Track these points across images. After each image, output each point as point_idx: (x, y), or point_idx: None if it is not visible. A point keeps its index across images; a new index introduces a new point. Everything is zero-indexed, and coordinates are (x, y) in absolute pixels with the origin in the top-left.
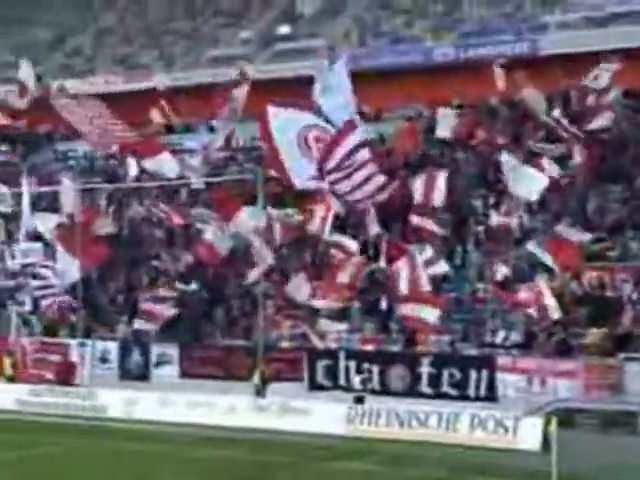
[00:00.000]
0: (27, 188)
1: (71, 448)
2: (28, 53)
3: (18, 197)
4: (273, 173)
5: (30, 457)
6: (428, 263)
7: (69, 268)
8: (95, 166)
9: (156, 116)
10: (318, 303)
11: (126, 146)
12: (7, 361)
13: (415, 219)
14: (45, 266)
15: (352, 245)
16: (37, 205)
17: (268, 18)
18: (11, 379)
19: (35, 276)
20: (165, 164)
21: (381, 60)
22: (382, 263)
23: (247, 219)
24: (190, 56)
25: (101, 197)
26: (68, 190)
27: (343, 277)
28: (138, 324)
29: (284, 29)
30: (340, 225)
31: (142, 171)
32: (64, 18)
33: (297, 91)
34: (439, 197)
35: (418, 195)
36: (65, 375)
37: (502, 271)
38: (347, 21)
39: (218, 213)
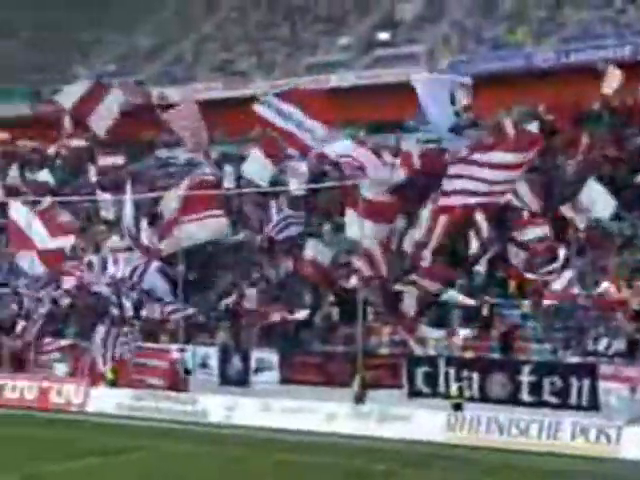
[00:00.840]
0: (129, 195)
1: (171, 453)
2: (129, 61)
3: (121, 204)
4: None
5: (129, 461)
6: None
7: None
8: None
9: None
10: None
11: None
12: (109, 366)
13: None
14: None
15: None
16: (139, 211)
17: (367, 24)
18: (113, 384)
19: (137, 282)
20: (264, 170)
21: (481, 66)
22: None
23: (350, 226)
24: (289, 63)
25: None
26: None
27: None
28: (241, 331)
29: (384, 35)
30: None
31: (239, 177)
32: (165, 26)
33: (396, 97)
34: (536, 203)
35: (519, 201)
36: (166, 380)
37: (604, 278)
38: (447, 27)
39: (321, 219)
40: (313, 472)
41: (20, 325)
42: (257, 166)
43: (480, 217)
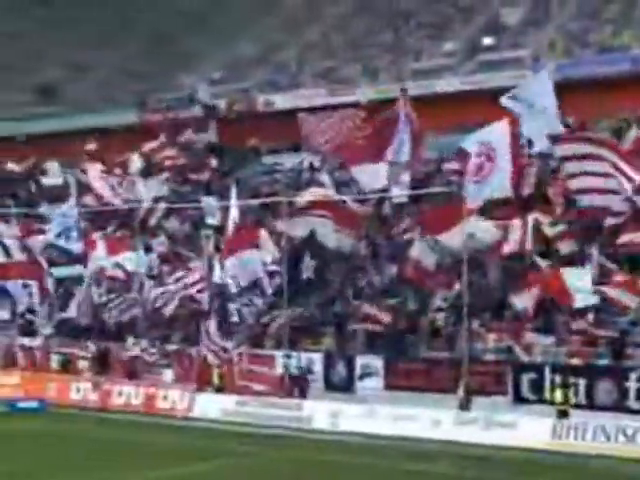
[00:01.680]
0: (235, 201)
1: (276, 459)
2: (234, 69)
3: (226, 210)
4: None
5: (233, 467)
6: None
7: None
8: (300, 179)
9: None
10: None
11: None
12: (215, 372)
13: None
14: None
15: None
16: (243, 218)
17: (472, 29)
18: (219, 389)
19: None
20: (377, 176)
21: (587, 70)
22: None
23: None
24: (393, 69)
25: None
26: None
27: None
28: (346, 337)
29: (488, 40)
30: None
31: (339, 184)
32: (269, 34)
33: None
34: None
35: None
36: (271, 386)
37: None
38: (552, 31)
39: (425, 226)
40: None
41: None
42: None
43: None
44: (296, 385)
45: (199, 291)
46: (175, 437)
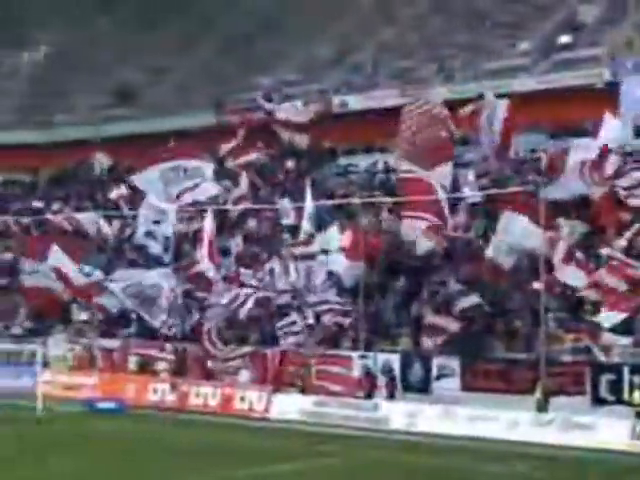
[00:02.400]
0: (310, 202)
1: (353, 459)
2: (310, 70)
3: (300, 211)
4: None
5: (311, 468)
6: None
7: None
8: (375, 180)
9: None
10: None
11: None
12: (300, 371)
13: None
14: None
15: None
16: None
17: (548, 28)
18: (301, 390)
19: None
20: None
21: None
22: None
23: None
24: (469, 69)
25: (381, 211)
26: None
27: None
28: (423, 338)
29: (565, 38)
30: None
31: None
32: (345, 35)
33: (577, 101)
34: None
35: None
36: (348, 387)
37: None
38: (629, 29)
39: (496, 226)
40: None
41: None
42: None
43: None
44: (373, 386)
45: (275, 292)
46: (252, 438)
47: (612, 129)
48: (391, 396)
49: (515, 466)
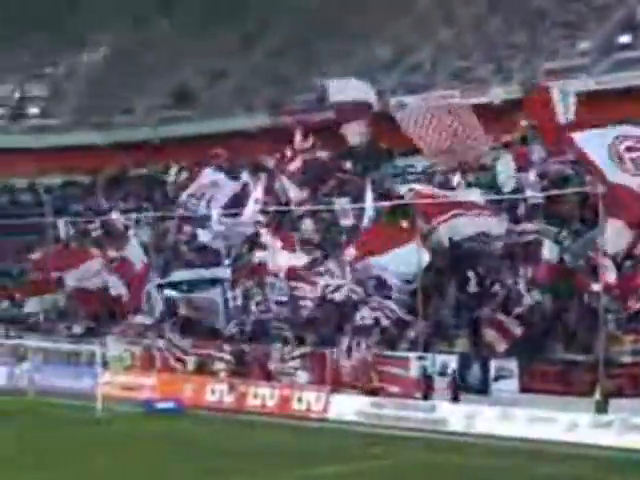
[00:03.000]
0: (369, 203)
1: (411, 461)
2: (368, 71)
3: (359, 211)
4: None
5: (369, 469)
6: None
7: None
8: (433, 181)
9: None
10: None
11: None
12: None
13: None
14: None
15: None
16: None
17: (607, 28)
18: (371, 392)
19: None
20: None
21: None
22: None
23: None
24: (527, 69)
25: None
26: None
27: None
28: (485, 339)
29: (624, 38)
30: None
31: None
32: (402, 36)
33: (636, 100)
34: None
35: None
36: (406, 388)
37: None
38: None
39: (559, 227)
40: None
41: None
42: (505, 173)
43: None
44: (430, 387)
45: (333, 292)
46: (311, 439)
47: None
48: (449, 397)
49: (574, 468)
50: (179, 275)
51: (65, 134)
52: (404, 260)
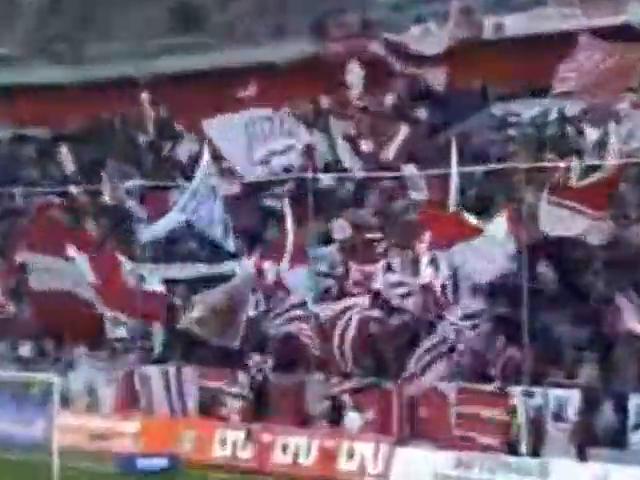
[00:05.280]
0: (455, 169)
1: None
2: None
3: (436, 181)
4: None
5: None
6: None
7: None
8: (546, 136)
9: None
10: None
11: None
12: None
13: None
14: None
15: None
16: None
17: None
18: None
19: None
20: None
21: None
22: None
23: None
24: None
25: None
26: None
27: None
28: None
29: None
30: None
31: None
32: None
33: None
34: None
35: None
36: (504, 438)
37: None
38: None
39: None
40: None
41: None
42: None
43: None
44: (541, 437)
45: (400, 299)
46: None
47: None
48: (569, 452)
49: None
50: (176, 271)
51: (16, 70)
52: (499, 252)
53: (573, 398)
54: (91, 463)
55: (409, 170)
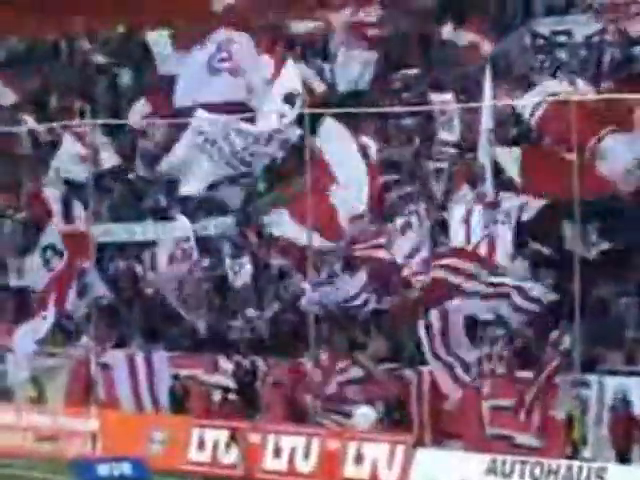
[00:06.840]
0: (489, 101)
1: None
2: None
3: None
4: None
5: None
6: None
7: None
8: (601, 61)
9: None
10: None
11: None
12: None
13: None
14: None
15: None
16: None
17: None
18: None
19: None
20: None
21: None
22: None
23: None
24: None
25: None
26: None
27: None
28: None
29: None
30: None
31: None
32: None
33: None
34: None
35: None
36: (548, 437)
37: None
38: None
39: None
40: None
41: None
42: None
43: None
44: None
45: (422, 268)
46: None
47: None
48: (627, 454)
49: None
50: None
51: None
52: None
53: (635, 388)
54: (39, 472)
55: (439, 101)
